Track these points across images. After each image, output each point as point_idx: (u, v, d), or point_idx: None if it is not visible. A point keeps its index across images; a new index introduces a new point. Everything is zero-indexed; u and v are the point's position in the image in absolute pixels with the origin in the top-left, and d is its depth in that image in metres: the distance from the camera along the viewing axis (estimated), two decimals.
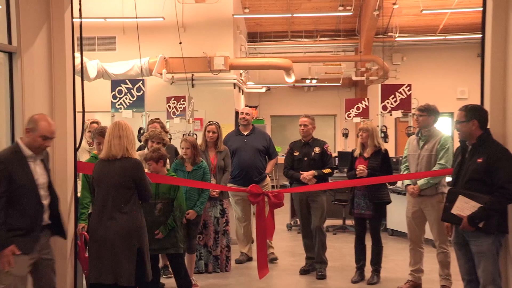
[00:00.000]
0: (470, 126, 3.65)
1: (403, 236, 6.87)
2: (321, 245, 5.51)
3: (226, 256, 5.72)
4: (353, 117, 9.79)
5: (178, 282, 4.60)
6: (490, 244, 3.53)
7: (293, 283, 5.39)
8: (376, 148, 5.24)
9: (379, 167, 5.15)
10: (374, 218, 5.23)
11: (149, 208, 4.36)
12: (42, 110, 3.97)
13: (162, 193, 4.48)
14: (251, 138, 6.11)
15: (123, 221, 3.65)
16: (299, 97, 15.40)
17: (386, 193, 5.28)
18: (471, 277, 3.68)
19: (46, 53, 4.05)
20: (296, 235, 7.55)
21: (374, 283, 5.20)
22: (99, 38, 11.78)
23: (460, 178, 3.71)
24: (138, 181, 3.72)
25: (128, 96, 8.23)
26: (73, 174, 4.19)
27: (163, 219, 4.45)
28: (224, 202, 5.68)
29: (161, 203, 4.46)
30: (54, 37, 4.09)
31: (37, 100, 3.92)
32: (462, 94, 14.58)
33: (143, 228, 3.77)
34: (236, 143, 6.10)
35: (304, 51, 14.42)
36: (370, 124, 5.41)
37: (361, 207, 5.25)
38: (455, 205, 3.61)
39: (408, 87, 8.14)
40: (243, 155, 6.00)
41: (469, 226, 3.53)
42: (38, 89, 3.95)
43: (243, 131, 6.19)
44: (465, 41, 14.05)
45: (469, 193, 3.57)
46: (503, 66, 3.88)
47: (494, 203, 3.48)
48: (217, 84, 11.68)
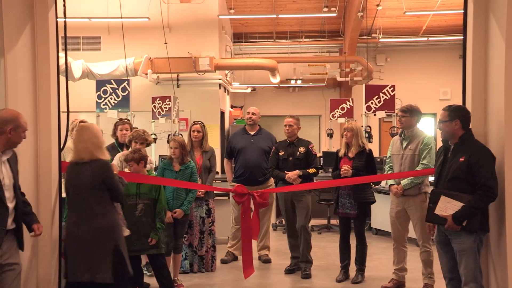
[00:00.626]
0: (453, 126, 3.72)
1: (387, 235, 6.95)
2: (306, 245, 5.54)
3: (212, 256, 5.72)
4: (337, 117, 9.86)
5: (161, 282, 4.59)
6: (472, 242, 3.60)
7: (278, 283, 5.41)
8: (360, 148, 5.29)
9: (363, 167, 5.20)
10: (359, 217, 5.28)
11: (130, 209, 4.39)
12: (26, 110, 3.94)
13: (143, 194, 4.48)
14: (258, 138, 6.10)
15: (96, 221, 3.72)
16: (284, 98, 15.45)
17: (371, 193, 5.33)
18: (453, 275, 3.75)
19: (30, 53, 4.02)
20: (281, 235, 7.58)
21: (359, 282, 5.25)
22: (84, 38, 11.69)
23: (443, 177, 3.77)
24: (107, 181, 3.77)
25: (113, 96, 8.20)
26: (57, 174, 4.18)
27: (145, 219, 4.45)
28: (210, 202, 5.68)
29: (142, 203, 4.46)
30: (38, 36, 4.06)
31: (21, 100, 3.88)
32: (444, 95, 14.77)
33: (117, 226, 3.84)
34: (242, 142, 6.09)
35: (289, 52, 14.48)
36: (355, 124, 5.46)
37: (346, 206, 5.30)
38: (437, 206, 3.66)
39: (392, 87, 8.25)
40: (249, 155, 5.99)
41: (454, 225, 3.58)
42: (22, 89, 3.92)
43: (250, 131, 6.18)
44: (447, 43, 14.25)
45: (450, 193, 3.63)
46: (483, 67, 3.95)
47: (477, 201, 3.53)
48: (203, 84, 11.67)
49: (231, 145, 6.17)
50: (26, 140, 3.88)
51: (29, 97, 4.00)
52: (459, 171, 3.63)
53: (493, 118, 3.80)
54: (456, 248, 3.67)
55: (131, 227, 4.23)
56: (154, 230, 4.48)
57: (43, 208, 4.02)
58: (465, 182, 3.61)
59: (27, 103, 3.98)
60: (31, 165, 3.99)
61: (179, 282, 5.17)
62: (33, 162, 4.01)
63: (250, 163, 5.94)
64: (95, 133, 3.87)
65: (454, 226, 3.59)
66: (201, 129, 5.70)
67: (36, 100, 4.07)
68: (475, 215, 3.56)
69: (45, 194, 4.03)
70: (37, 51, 4.06)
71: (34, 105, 4.05)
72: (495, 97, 3.73)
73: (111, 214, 3.82)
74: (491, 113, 3.86)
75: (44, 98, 4.09)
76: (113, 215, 3.83)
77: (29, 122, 3.97)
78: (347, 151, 5.38)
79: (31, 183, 3.97)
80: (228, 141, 6.29)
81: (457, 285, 3.74)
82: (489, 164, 3.57)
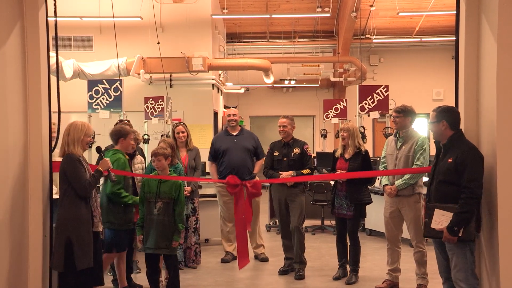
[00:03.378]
0: (440, 126, 3.74)
1: (381, 236, 6.95)
2: (300, 245, 5.52)
3: (196, 251, 5.85)
4: (331, 117, 9.86)
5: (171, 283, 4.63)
6: (462, 242, 3.58)
7: (272, 283, 5.39)
8: (356, 149, 5.29)
9: (359, 168, 5.20)
10: (353, 218, 5.29)
11: (149, 207, 4.47)
12: (15, 110, 3.90)
13: (163, 192, 4.50)
14: (241, 138, 6.16)
15: (60, 212, 3.96)
16: (278, 98, 15.45)
17: (367, 194, 5.34)
18: (449, 275, 3.73)
19: (19, 52, 3.96)
20: (275, 236, 7.56)
21: (353, 283, 5.24)
22: (75, 38, 11.61)
23: (434, 179, 3.78)
24: (67, 175, 3.94)
25: (105, 96, 8.13)
26: (48, 174, 4.14)
27: (162, 218, 4.47)
28: (195, 201, 5.82)
29: (161, 202, 4.48)
30: (28, 36, 4.01)
31: (10, 100, 3.83)
32: (437, 95, 14.83)
33: (75, 220, 3.91)
34: (225, 144, 6.12)
35: (282, 52, 14.47)
36: (351, 124, 5.46)
37: (342, 207, 5.32)
38: (433, 220, 3.65)
39: (385, 88, 8.25)
40: (233, 155, 6.02)
41: (450, 236, 3.55)
42: (11, 89, 3.86)
43: (232, 132, 6.23)
44: (440, 43, 14.31)
45: (442, 205, 3.62)
46: (476, 68, 3.96)
47: (463, 206, 3.52)
48: (196, 84, 11.63)
49: (215, 147, 6.19)
50: (16, 140, 3.86)
51: (19, 97, 3.95)
52: (448, 172, 3.63)
53: (485, 118, 3.81)
54: (447, 248, 3.67)
55: (149, 225, 4.43)
56: (176, 232, 4.53)
57: (33, 208, 3.98)
58: (455, 186, 3.59)
59: (17, 103, 3.92)
60: (21, 165, 3.95)
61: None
62: (24, 162, 3.97)
63: (236, 162, 5.97)
64: (67, 129, 4.04)
65: (451, 238, 3.56)
66: (184, 129, 5.88)
67: (27, 100, 4.02)
68: (468, 220, 3.53)
69: (35, 195, 3.99)
70: (27, 50, 4.01)
71: (24, 105, 4.00)
72: (487, 97, 3.74)
73: (72, 207, 3.91)
74: (483, 113, 3.87)
75: (35, 98, 4.04)
76: (73, 208, 3.91)
77: (19, 123, 3.95)
78: (343, 152, 5.38)
79: (21, 183, 3.92)
80: (211, 143, 6.29)
81: (453, 285, 3.73)
82: (473, 165, 3.55)
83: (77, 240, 3.88)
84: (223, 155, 6.07)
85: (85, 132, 4.05)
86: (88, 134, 4.09)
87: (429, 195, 3.84)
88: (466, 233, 3.55)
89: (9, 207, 3.79)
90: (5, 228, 3.75)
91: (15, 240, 3.85)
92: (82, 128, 4.04)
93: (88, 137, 4.10)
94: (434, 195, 3.75)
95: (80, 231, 3.92)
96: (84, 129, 4.05)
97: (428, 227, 3.69)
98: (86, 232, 3.95)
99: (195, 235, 5.85)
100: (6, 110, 3.76)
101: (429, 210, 3.71)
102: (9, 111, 3.80)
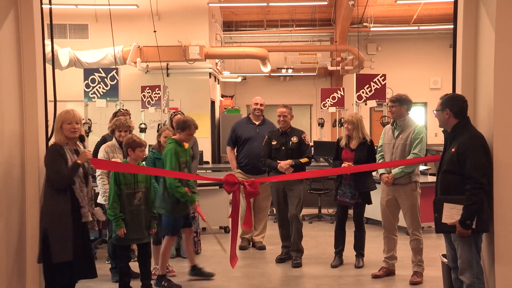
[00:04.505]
0: (444, 115, 3.69)
1: (377, 224, 6.98)
2: (298, 234, 5.55)
3: (194, 240, 5.85)
4: (328, 106, 9.85)
5: (146, 270, 4.61)
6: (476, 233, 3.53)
7: (269, 271, 5.42)
8: (361, 140, 5.32)
9: (365, 158, 5.24)
10: (360, 204, 5.36)
11: (128, 197, 4.42)
12: (10, 99, 3.87)
13: (140, 182, 4.50)
14: (263, 128, 6.09)
15: (41, 204, 3.89)
16: (275, 87, 15.41)
17: (372, 182, 5.40)
18: (456, 264, 3.69)
19: (14, 41, 3.92)
20: (272, 224, 7.57)
21: (361, 267, 5.34)
22: (71, 26, 11.52)
23: (441, 169, 3.72)
24: (45, 165, 3.85)
25: (102, 85, 8.10)
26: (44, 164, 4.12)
27: (143, 207, 4.48)
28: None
29: (140, 191, 4.48)
30: (22, 24, 3.96)
31: (5, 89, 3.79)
32: (435, 84, 14.82)
33: (53, 212, 3.78)
34: (247, 132, 6.10)
35: (279, 41, 14.40)
36: (355, 116, 5.46)
37: (345, 195, 5.37)
38: (443, 214, 3.55)
39: (383, 77, 8.23)
40: (255, 145, 5.99)
41: (464, 230, 3.47)
42: (6, 78, 3.82)
43: (255, 121, 6.19)
44: (438, 32, 14.27)
45: (452, 198, 3.54)
46: (473, 56, 3.94)
47: (470, 197, 3.44)
48: (193, 73, 11.58)
49: (236, 134, 6.17)
50: (12, 129, 3.83)
51: (14, 86, 3.91)
52: (452, 162, 3.58)
53: (483, 107, 3.80)
54: (452, 238, 3.64)
55: (131, 217, 4.38)
56: (154, 219, 4.58)
57: (30, 197, 3.96)
58: (458, 175, 3.53)
59: (12, 92, 3.89)
60: (18, 154, 3.93)
61: (171, 268, 5.23)
62: (20, 152, 3.95)
63: (256, 153, 5.93)
64: (58, 118, 3.91)
65: (465, 232, 3.48)
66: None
67: (22, 89, 3.98)
68: (480, 211, 3.45)
69: (32, 184, 3.97)
70: (21, 38, 3.97)
71: (20, 94, 3.97)
72: (485, 86, 3.73)
73: (50, 199, 3.81)
74: (480, 102, 3.86)
75: (30, 87, 4.00)
76: (51, 200, 3.80)
77: (15, 112, 3.92)
78: (348, 142, 5.40)
79: (17, 172, 3.91)
80: (232, 129, 6.26)
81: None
82: (475, 154, 3.47)
83: (53, 232, 3.76)
84: (243, 144, 6.06)
85: (61, 120, 3.87)
86: (67, 121, 3.86)
87: (436, 186, 3.77)
88: (479, 224, 3.47)
89: (5, 196, 3.77)
90: (2, 219, 3.73)
91: (12, 230, 3.84)
92: (59, 117, 3.90)
93: (69, 124, 3.86)
94: (440, 186, 3.69)
95: (57, 223, 3.77)
96: (61, 117, 3.88)
97: (439, 222, 3.58)
98: (64, 225, 3.78)
99: (194, 224, 5.84)
100: (2, 99, 3.73)
101: (437, 205, 3.61)
102: (4, 100, 3.77)
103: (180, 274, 5.21)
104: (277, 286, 5.00)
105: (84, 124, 7.86)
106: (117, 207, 4.38)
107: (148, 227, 4.54)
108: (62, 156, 3.81)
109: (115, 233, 4.42)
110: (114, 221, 4.39)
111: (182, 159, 4.76)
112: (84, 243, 3.93)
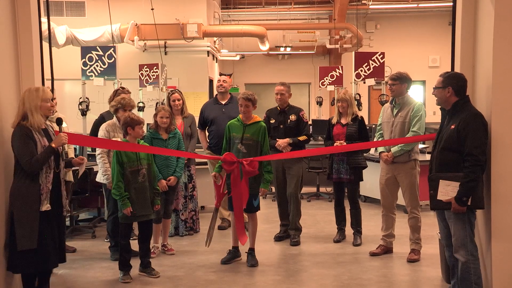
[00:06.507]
0: (445, 93, 3.67)
1: (376, 202, 7.02)
2: (296, 212, 5.58)
3: (193, 219, 5.95)
4: (327, 85, 9.81)
5: (145, 247, 4.63)
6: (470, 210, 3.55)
7: (268, 250, 5.46)
8: (353, 115, 5.41)
9: (356, 132, 5.35)
10: (352, 182, 5.44)
11: (133, 175, 4.43)
12: (7, 78, 3.84)
13: (143, 159, 4.51)
14: (229, 107, 6.02)
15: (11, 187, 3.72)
16: (274, 65, 15.32)
17: (363, 158, 5.49)
18: (449, 242, 3.73)
19: (10, 18, 3.87)
20: (271, 203, 7.63)
21: (358, 245, 5.42)
22: (67, 3, 11.38)
23: (436, 146, 3.74)
24: (13, 148, 3.66)
25: (99, 63, 8.04)
26: None
27: (147, 184, 4.51)
28: (192, 168, 5.88)
29: (143, 168, 4.49)
30: (18, 1, 3.91)
31: (2, 68, 3.76)
32: (433, 62, 14.74)
33: (19, 196, 3.63)
34: (214, 112, 6.04)
35: (278, 19, 14.26)
36: (348, 93, 5.54)
37: (340, 172, 5.45)
38: (439, 191, 3.56)
39: (382, 55, 8.18)
40: (222, 124, 5.91)
41: (459, 207, 3.50)
42: (3, 57, 3.79)
43: (221, 100, 6.12)
44: (437, 9, 14.13)
45: (447, 175, 3.55)
46: (472, 34, 3.92)
47: (468, 174, 3.46)
48: (191, 51, 11.50)
49: (203, 115, 6.11)
50: (9, 109, 3.81)
51: (11, 64, 3.88)
52: (450, 139, 3.58)
53: (482, 85, 3.79)
54: (446, 215, 3.67)
55: (136, 194, 4.40)
56: (157, 195, 4.62)
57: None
58: (456, 153, 3.54)
59: (9, 70, 3.86)
60: None
61: (169, 246, 5.27)
62: None
63: (223, 133, 5.90)
64: (22, 98, 3.70)
65: (460, 208, 3.50)
66: (180, 96, 5.81)
67: (19, 67, 3.95)
68: (475, 188, 3.47)
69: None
70: (17, 16, 3.92)
71: (16, 73, 3.94)
72: (484, 64, 3.71)
73: (17, 181, 3.66)
74: (479, 80, 3.85)
75: (27, 65, 3.97)
76: (18, 182, 3.65)
77: (12, 91, 3.89)
78: (339, 118, 5.47)
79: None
80: (200, 111, 6.20)
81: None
82: (475, 131, 3.47)
83: (18, 218, 3.62)
84: (211, 124, 6.01)
85: (41, 97, 3.67)
86: (46, 99, 3.70)
87: (431, 163, 3.77)
88: (474, 201, 3.49)
89: (4, 180, 3.73)
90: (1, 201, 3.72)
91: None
92: (37, 94, 3.66)
93: (47, 102, 3.71)
94: (436, 163, 3.69)
95: (22, 209, 3.62)
96: (39, 94, 3.67)
97: (435, 199, 3.60)
98: (29, 211, 3.61)
99: (192, 202, 5.91)
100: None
101: (433, 181, 3.62)
102: (1, 79, 3.74)
103: (178, 253, 5.25)
104: (275, 264, 5.04)
105: (82, 103, 7.83)
106: (122, 186, 4.38)
107: (152, 203, 4.58)
108: (31, 138, 3.62)
109: (121, 212, 4.43)
110: (119, 201, 4.39)
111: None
112: (53, 229, 3.75)
